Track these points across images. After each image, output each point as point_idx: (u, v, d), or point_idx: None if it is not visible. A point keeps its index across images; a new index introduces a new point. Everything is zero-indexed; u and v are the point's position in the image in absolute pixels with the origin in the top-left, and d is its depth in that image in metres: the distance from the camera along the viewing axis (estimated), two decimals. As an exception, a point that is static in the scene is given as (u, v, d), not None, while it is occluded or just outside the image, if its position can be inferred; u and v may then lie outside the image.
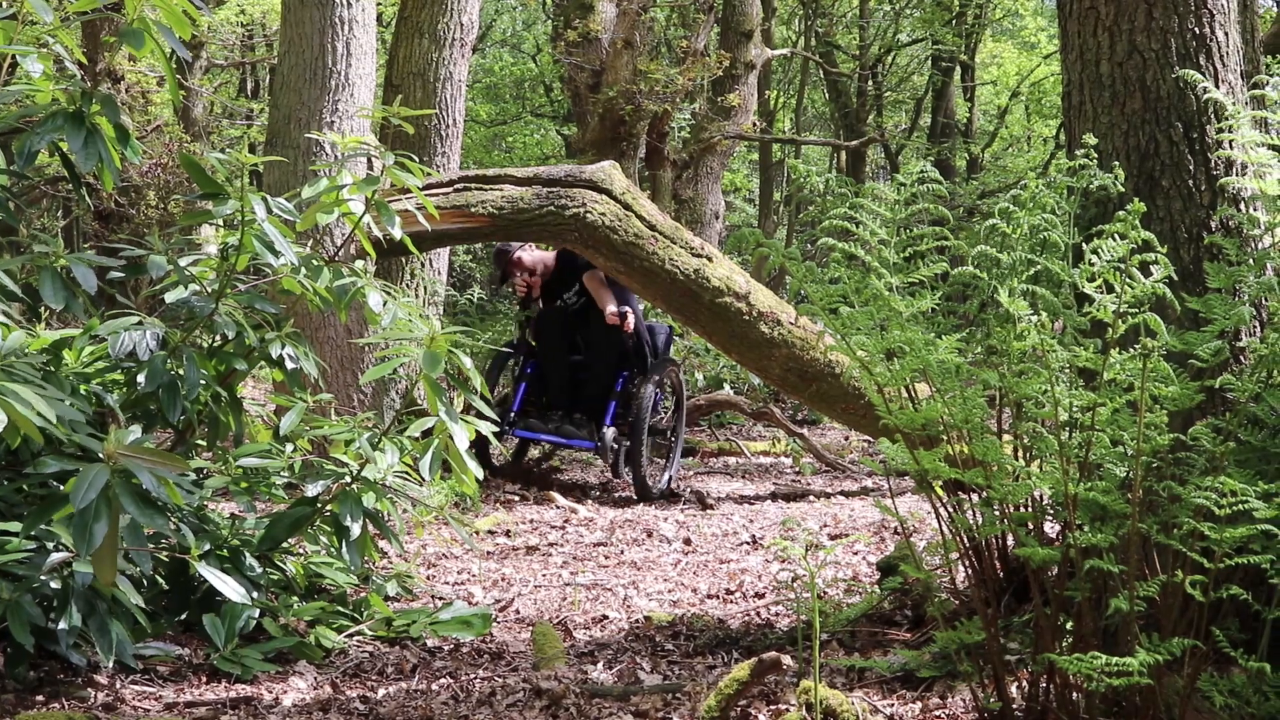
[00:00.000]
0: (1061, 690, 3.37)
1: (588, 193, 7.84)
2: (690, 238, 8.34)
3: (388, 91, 9.37)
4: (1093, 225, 3.61)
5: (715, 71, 16.00)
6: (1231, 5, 4.40)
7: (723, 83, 16.54)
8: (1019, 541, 3.45)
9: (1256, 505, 3.09)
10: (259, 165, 6.57)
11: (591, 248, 7.88)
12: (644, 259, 7.94)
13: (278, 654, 4.61)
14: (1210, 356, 3.44)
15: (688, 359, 14.34)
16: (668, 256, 7.92)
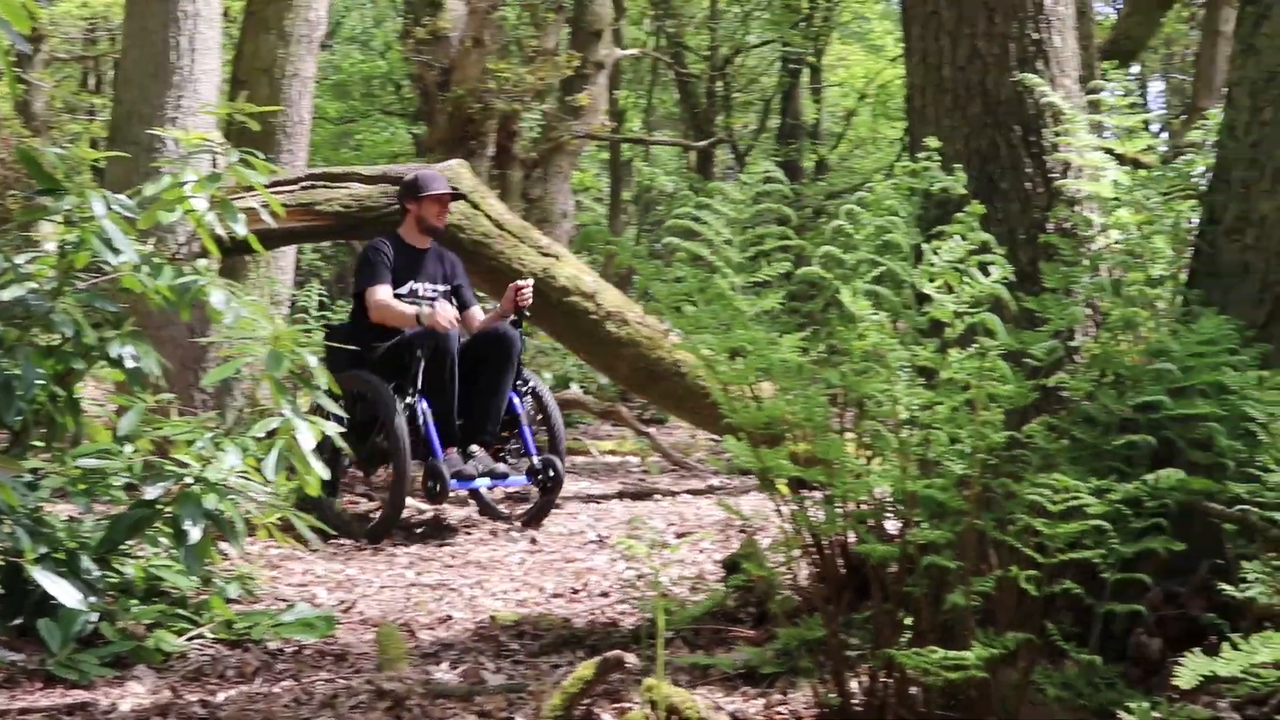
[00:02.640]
0: (900, 685, 3.41)
1: (436, 191, 7.80)
2: (538, 237, 8.34)
3: (234, 88, 9.25)
4: (934, 226, 3.66)
5: (565, 71, 16.00)
6: (1069, 12, 4.50)
7: (572, 82, 16.54)
8: (859, 539, 3.49)
9: (1089, 501, 3.16)
10: (100, 161, 6.45)
11: (439, 246, 7.85)
12: (491, 258, 7.93)
13: (116, 658, 4.52)
14: (1045, 355, 3.51)
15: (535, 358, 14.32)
16: (515, 256, 7.92)
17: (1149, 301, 3.98)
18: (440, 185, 7.76)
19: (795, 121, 26.53)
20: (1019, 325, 3.67)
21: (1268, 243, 3.93)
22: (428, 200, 7.68)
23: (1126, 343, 3.85)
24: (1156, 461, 3.54)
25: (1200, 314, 3.81)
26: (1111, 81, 4.40)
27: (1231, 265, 4.00)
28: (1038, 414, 3.60)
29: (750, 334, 3.46)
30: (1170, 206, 4.15)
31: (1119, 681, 3.54)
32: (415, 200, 7.71)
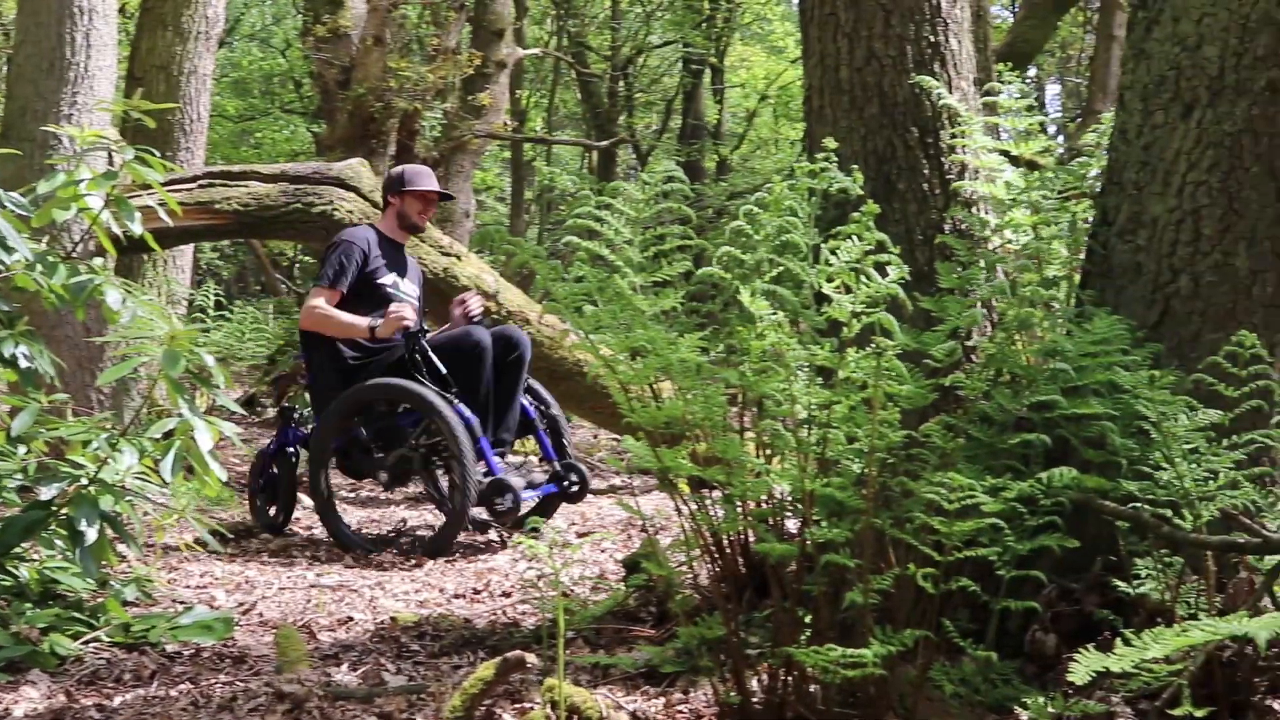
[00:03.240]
0: (799, 683, 3.43)
1: (335, 190, 7.78)
2: (439, 236, 8.31)
3: (130, 85, 9.15)
4: (832, 227, 3.69)
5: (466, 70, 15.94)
6: (965, 15, 4.55)
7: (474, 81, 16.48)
8: (759, 538, 3.50)
9: (984, 500, 3.19)
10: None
11: (339, 246, 7.79)
12: (392, 257, 7.87)
13: (9, 663, 4.45)
14: (943, 356, 3.54)
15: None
16: (416, 255, 7.87)
17: (1044, 302, 4.03)
18: (428, 181, 7.50)
19: (697, 122, 26.63)
20: (916, 325, 3.71)
21: (1159, 244, 3.99)
22: (411, 196, 7.40)
23: (1022, 343, 3.90)
24: (1051, 460, 3.59)
25: (1093, 314, 3.87)
26: (1008, 84, 4.45)
27: (1124, 266, 4.06)
28: (935, 413, 3.63)
29: (650, 334, 3.46)
30: (1065, 208, 4.21)
31: (1015, 677, 3.59)
32: (398, 194, 7.43)
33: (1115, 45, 12.04)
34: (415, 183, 7.42)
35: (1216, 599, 3.48)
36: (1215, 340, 3.80)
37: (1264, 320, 3.93)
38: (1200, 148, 3.95)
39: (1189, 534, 3.43)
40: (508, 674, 3.77)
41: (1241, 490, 3.43)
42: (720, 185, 24.22)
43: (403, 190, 7.41)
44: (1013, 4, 23.20)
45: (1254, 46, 3.89)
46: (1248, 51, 3.90)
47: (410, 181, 7.42)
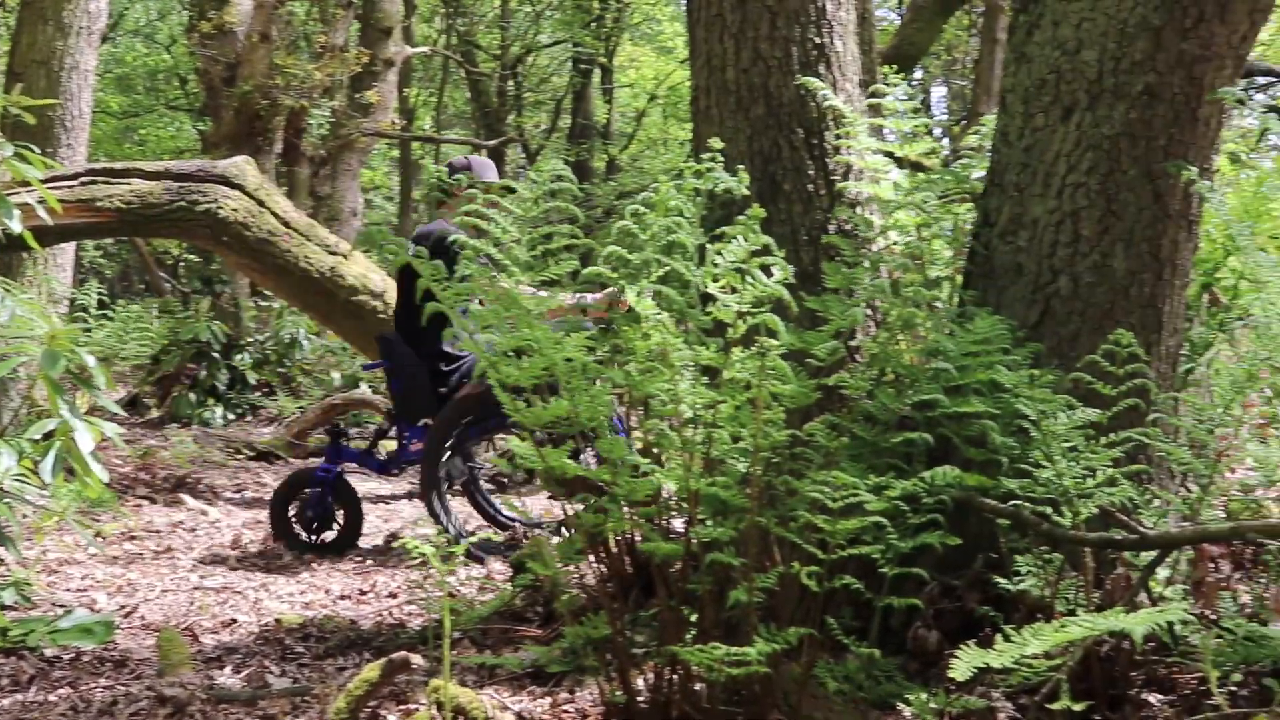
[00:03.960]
0: (685, 681, 3.43)
1: (220, 188, 7.69)
2: (326, 235, 8.25)
3: (9, 80, 9.00)
4: (719, 227, 3.70)
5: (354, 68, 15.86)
6: (851, 17, 4.57)
7: (362, 79, 16.40)
8: (644, 537, 3.50)
9: (868, 498, 3.22)
10: None
11: (224, 244, 7.73)
12: (278, 256, 7.82)
13: (-119, 668, 4.37)
14: (827, 355, 3.57)
15: (324, 358, 14.17)
16: (302, 254, 7.82)
17: (926, 302, 4.07)
18: (490, 174, 7.33)
19: (586, 121, 26.65)
20: (801, 325, 3.73)
21: (1039, 245, 4.04)
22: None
23: (905, 342, 3.93)
24: (933, 458, 3.62)
25: (975, 314, 3.91)
26: (893, 86, 4.49)
27: (1005, 267, 4.11)
28: (820, 412, 3.65)
29: (535, 333, 3.45)
30: (948, 209, 4.25)
31: (898, 674, 3.62)
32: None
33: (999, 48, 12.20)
34: (481, 175, 7.28)
35: (1095, 595, 3.53)
36: (1094, 340, 3.86)
37: (1141, 320, 4.00)
38: (1079, 150, 4.01)
39: (1068, 531, 3.47)
40: (393, 675, 3.75)
41: (1119, 488, 3.48)
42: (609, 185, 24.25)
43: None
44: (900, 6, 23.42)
45: (1131, 51, 3.95)
46: (1125, 56, 3.96)
47: (476, 174, 7.28)
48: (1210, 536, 3.50)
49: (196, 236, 7.84)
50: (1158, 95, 3.96)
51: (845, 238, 4.23)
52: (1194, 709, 3.33)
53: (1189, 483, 4.08)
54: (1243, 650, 3.40)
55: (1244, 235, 4.07)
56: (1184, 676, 3.50)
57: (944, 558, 3.63)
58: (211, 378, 13.01)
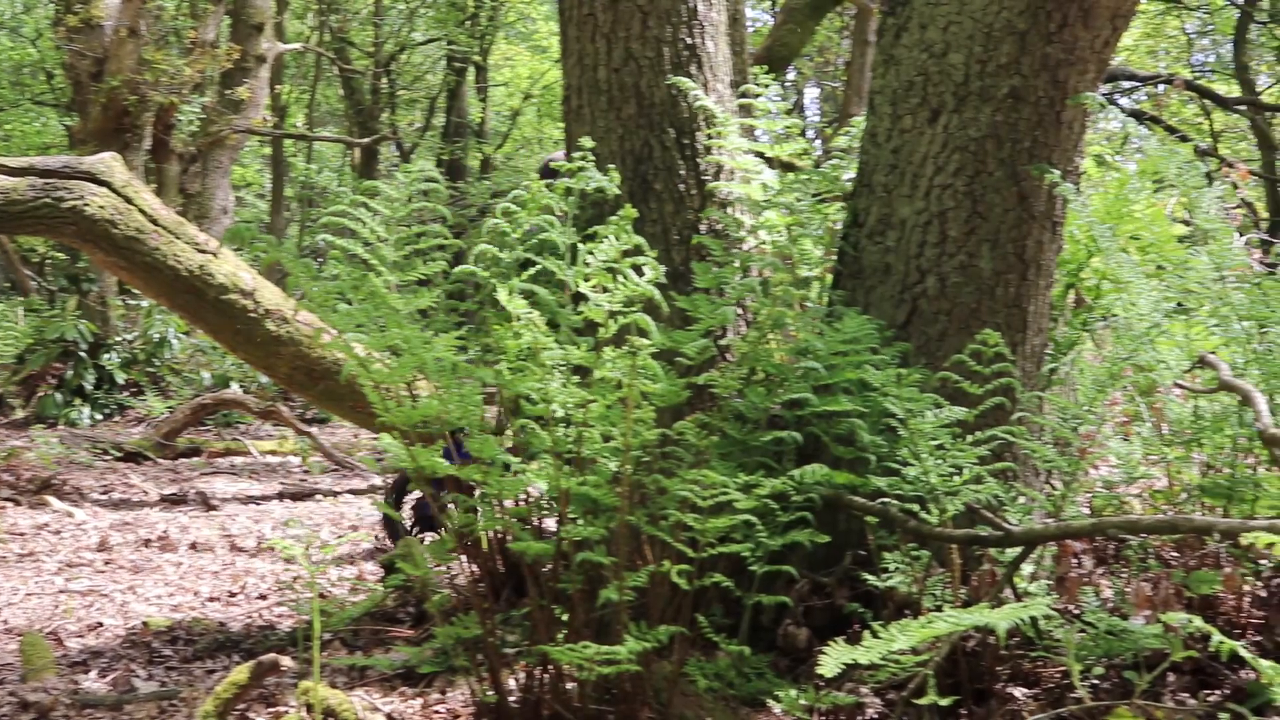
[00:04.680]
0: (555, 680, 3.43)
1: (86, 185, 7.53)
2: (195, 233, 8.12)
3: None
4: (590, 226, 3.70)
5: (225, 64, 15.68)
6: (722, 18, 4.59)
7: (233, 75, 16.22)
8: (514, 536, 3.50)
9: (737, 496, 3.24)
10: None
11: (90, 242, 7.57)
12: (146, 254, 7.68)
13: None
14: (697, 354, 3.58)
15: (194, 357, 13.99)
16: (171, 252, 7.69)
17: (796, 301, 4.10)
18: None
19: (461, 120, 26.54)
20: (672, 324, 3.74)
21: (907, 245, 4.08)
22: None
23: (775, 341, 3.95)
24: (803, 457, 3.66)
25: (844, 314, 3.94)
26: (764, 87, 4.51)
27: (874, 267, 4.15)
28: (690, 411, 3.67)
29: (404, 332, 3.43)
30: (818, 209, 4.28)
31: (768, 671, 3.64)
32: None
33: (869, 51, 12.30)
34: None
35: (961, 591, 3.58)
36: (960, 339, 3.91)
37: (1006, 320, 4.05)
38: (946, 152, 4.06)
39: (935, 528, 3.51)
40: (262, 677, 3.71)
41: (985, 485, 3.53)
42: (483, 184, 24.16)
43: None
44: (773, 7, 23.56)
45: (997, 55, 4.00)
46: (991, 59, 4.01)
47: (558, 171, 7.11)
48: (1073, 533, 3.55)
49: (62, 234, 7.68)
50: (1023, 98, 4.02)
51: (716, 237, 4.25)
52: (1057, 702, 3.38)
53: (1053, 480, 4.15)
54: (1105, 644, 3.45)
55: (1106, 237, 4.14)
56: (1048, 670, 3.55)
57: (813, 555, 3.68)
58: (78, 377, 12.80)
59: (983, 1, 4.01)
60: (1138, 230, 4.71)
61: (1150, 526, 3.44)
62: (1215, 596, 3.59)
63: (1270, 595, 3.62)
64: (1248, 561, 3.71)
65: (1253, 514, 3.85)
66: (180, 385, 13.65)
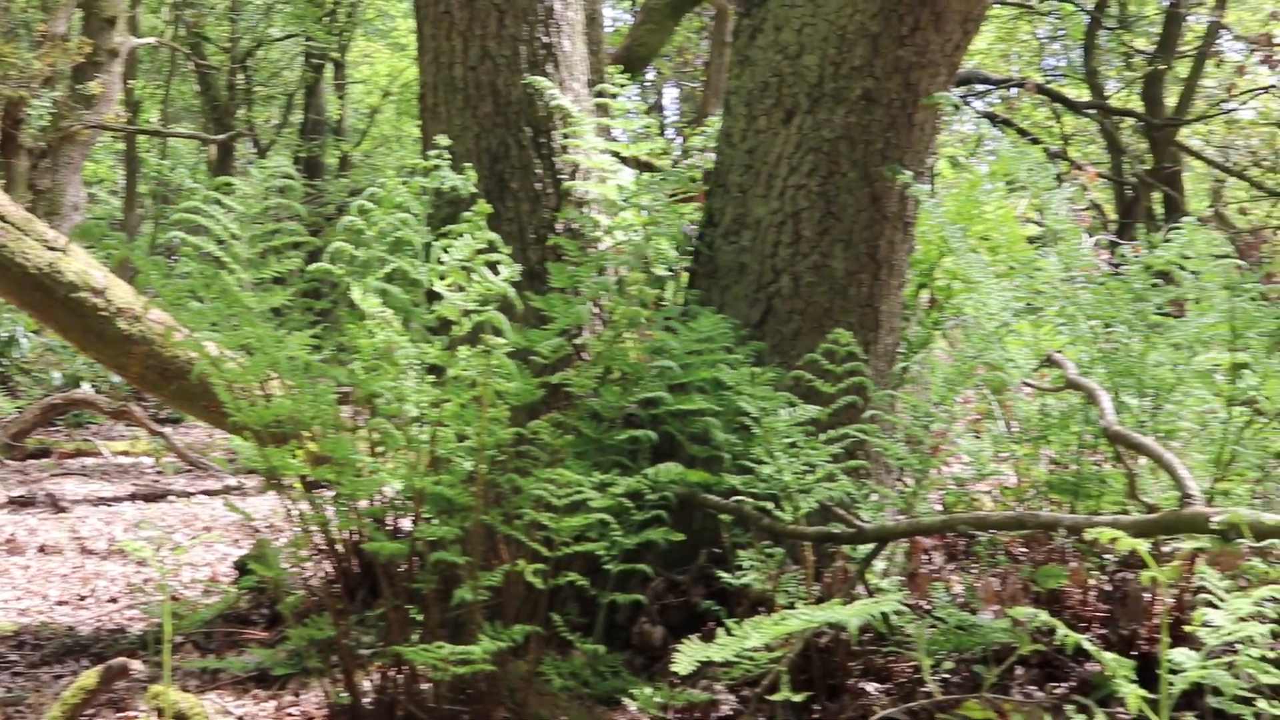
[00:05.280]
0: (410, 681, 3.41)
1: (-72, 179, 7.37)
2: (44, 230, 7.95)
3: None
4: (446, 225, 3.68)
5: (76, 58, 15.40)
6: (579, 17, 4.60)
7: (84, 70, 15.93)
8: (368, 536, 3.47)
9: (592, 495, 3.25)
10: None
11: (-67, 238, 7.40)
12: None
13: None
14: (551, 353, 3.58)
15: (44, 356, 13.72)
16: (19, 249, 7.52)
17: (652, 301, 4.11)
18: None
19: (319, 117, 26.29)
20: (527, 323, 3.74)
21: (762, 245, 4.11)
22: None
23: (630, 341, 3.96)
24: (658, 455, 3.67)
25: (699, 313, 3.97)
26: (622, 86, 4.52)
27: (729, 266, 4.17)
28: (546, 410, 3.67)
29: (257, 331, 3.39)
30: (674, 209, 4.29)
31: (623, 669, 3.65)
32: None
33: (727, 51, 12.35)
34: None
35: (815, 588, 3.61)
36: (814, 338, 3.95)
37: (859, 319, 4.10)
38: (800, 153, 4.09)
39: (788, 526, 3.54)
40: (111, 682, 3.65)
41: (838, 483, 3.57)
42: (341, 182, 23.96)
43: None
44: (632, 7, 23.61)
45: (851, 57, 4.05)
46: (845, 61, 4.06)
47: None
48: (923, 529, 3.61)
49: (-98, 231, 7.49)
50: (875, 100, 4.07)
51: (572, 237, 4.26)
52: (908, 696, 3.42)
53: (905, 477, 4.20)
54: (955, 639, 3.51)
55: (957, 237, 4.20)
56: (899, 665, 3.60)
57: (668, 553, 3.69)
58: (-77, 377, 12.52)
59: (837, 4, 4.05)
60: (988, 231, 4.79)
61: (998, 523, 3.50)
62: (1062, 591, 3.66)
63: (1115, 589, 3.69)
64: (1093, 556, 3.78)
65: (1098, 509, 3.93)
66: (29, 385, 13.38)
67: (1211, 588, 2.54)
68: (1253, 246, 11.21)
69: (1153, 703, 2.42)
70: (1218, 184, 18.45)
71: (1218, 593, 2.52)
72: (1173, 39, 16.09)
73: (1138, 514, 3.26)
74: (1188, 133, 17.09)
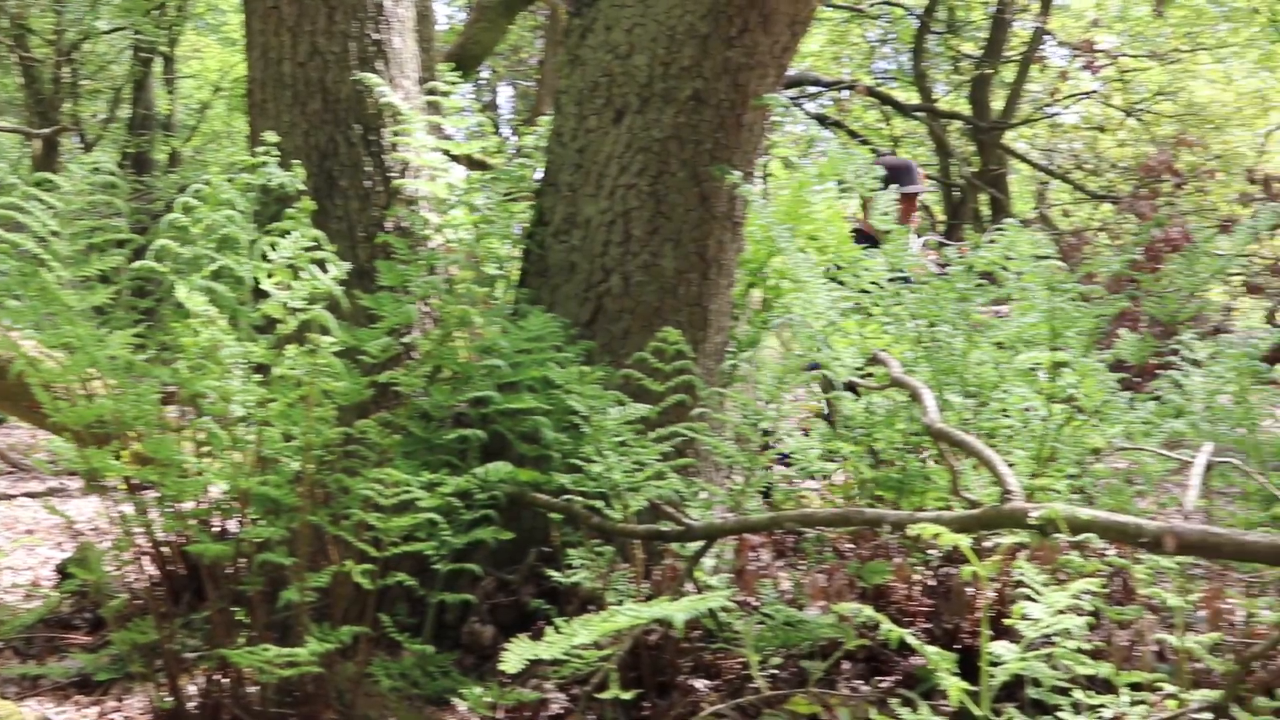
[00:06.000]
0: (235, 684, 3.37)
1: None
2: None
3: None
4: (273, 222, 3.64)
5: (-109, 48, 14.98)
6: (409, 14, 4.58)
7: (-100, 61, 15.50)
8: (193, 538, 3.42)
9: (421, 495, 3.24)
10: None
11: None
12: None
13: None
14: (380, 352, 3.56)
15: None
16: None
17: (482, 299, 4.11)
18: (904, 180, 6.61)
19: (147, 112, 25.79)
20: (356, 322, 3.71)
21: (592, 244, 4.13)
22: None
23: (460, 339, 3.95)
24: (487, 455, 3.67)
25: (529, 312, 3.97)
26: (453, 84, 4.51)
27: (559, 265, 4.18)
28: (375, 410, 3.64)
29: (77, 329, 3.33)
30: (505, 208, 4.29)
31: (453, 669, 3.64)
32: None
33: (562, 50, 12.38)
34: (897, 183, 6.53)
35: (644, 585, 3.63)
36: (644, 337, 3.97)
37: (689, 318, 4.14)
38: (630, 152, 4.11)
39: (618, 524, 3.57)
40: (-80, 691, 3.56)
41: (667, 481, 3.60)
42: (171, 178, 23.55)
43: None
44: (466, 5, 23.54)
45: (680, 57, 4.08)
46: (674, 62, 4.08)
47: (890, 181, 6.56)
48: (751, 526, 3.64)
49: None
50: (705, 100, 4.10)
51: (402, 235, 4.23)
52: (737, 692, 3.46)
53: (734, 475, 4.24)
54: (782, 635, 3.55)
55: (785, 237, 4.25)
56: (728, 661, 3.63)
57: (498, 553, 3.69)
58: None
59: (666, 5, 4.08)
60: (817, 231, 4.83)
61: (825, 519, 3.55)
62: (887, 586, 3.72)
63: (939, 584, 3.75)
64: (917, 552, 3.85)
65: (922, 506, 4.00)
66: None
67: (1030, 582, 2.59)
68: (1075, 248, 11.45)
69: (975, 695, 2.46)
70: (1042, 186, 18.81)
71: (1036, 587, 2.58)
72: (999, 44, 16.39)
73: (960, 510, 3.32)
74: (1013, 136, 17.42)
